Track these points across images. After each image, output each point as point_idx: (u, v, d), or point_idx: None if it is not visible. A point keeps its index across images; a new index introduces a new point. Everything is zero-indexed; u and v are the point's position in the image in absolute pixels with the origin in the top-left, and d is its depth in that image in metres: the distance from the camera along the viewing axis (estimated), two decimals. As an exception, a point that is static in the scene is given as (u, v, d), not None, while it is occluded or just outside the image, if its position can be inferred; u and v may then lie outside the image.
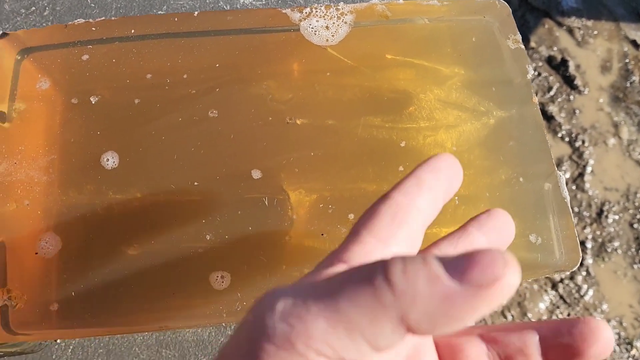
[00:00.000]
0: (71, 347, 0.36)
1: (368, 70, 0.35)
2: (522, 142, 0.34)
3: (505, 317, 1.19)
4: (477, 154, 0.34)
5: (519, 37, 0.37)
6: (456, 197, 0.33)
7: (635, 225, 1.27)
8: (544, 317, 1.19)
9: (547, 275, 0.33)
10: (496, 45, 0.36)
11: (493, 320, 1.18)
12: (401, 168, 0.33)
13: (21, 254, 0.29)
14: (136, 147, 0.31)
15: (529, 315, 1.19)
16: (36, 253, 0.29)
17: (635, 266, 1.24)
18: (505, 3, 0.37)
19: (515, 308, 1.20)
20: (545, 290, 1.21)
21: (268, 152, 0.32)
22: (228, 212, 0.30)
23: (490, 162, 0.34)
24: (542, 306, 1.20)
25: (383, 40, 0.36)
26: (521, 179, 0.33)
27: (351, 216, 0.31)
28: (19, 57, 0.34)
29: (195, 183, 0.31)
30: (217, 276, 0.29)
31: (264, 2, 0.46)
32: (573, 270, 0.32)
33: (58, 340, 0.36)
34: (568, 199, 0.33)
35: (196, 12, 0.34)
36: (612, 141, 1.33)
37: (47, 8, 0.44)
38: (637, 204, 1.28)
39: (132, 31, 0.34)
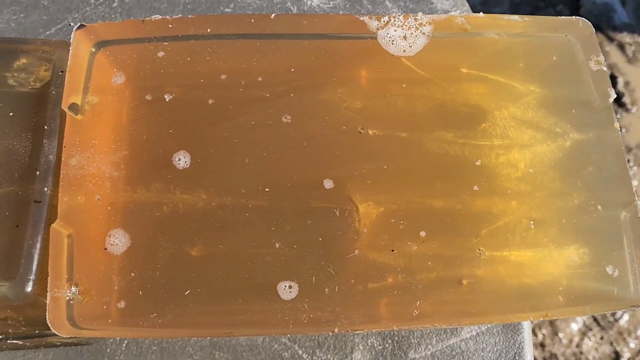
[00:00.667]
0: (125, 342, 0.36)
1: (442, 83, 0.34)
2: (600, 168, 0.33)
3: (535, 335, 1.17)
4: (551, 176, 0.33)
5: (601, 58, 0.35)
6: (531, 222, 0.32)
7: (677, 251, 1.23)
8: (576, 339, 1.17)
9: (622, 310, 0.32)
10: (576, 65, 0.35)
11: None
12: (476, 187, 0.32)
13: (90, 249, 0.29)
14: (208, 148, 0.31)
15: (560, 335, 1.17)
16: (105, 249, 0.29)
17: (674, 293, 1.20)
18: (588, 22, 0.36)
19: (546, 327, 1.17)
20: (579, 311, 1.19)
21: (340, 162, 0.31)
22: (298, 221, 0.30)
23: (565, 186, 0.33)
24: (575, 327, 1.17)
25: (459, 53, 0.35)
26: (599, 207, 0.32)
27: (422, 234, 0.30)
28: (93, 50, 0.34)
29: (266, 189, 0.30)
30: (285, 285, 0.29)
31: (331, 6, 0.45)
32: (651, 305, 0.30)
33: (105, 337, 0.36)
34: (648, 230, 0.32)
35: (273, 15, 0.34)
36: (657, 163, 1.30)
37: (116, 0, 0.44)
38: (680, 229, 1.24)
39: (208, 30, 0.33)
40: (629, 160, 1.30)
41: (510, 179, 0.33)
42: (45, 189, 0.31)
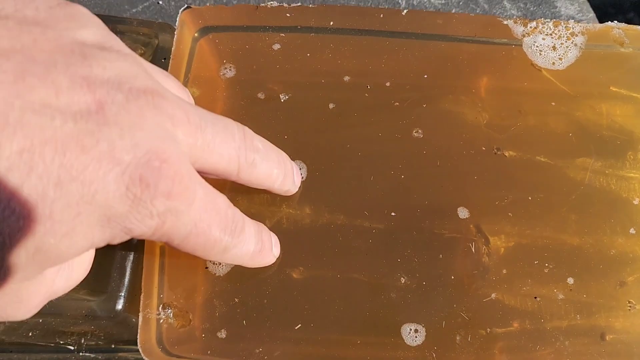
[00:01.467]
0: None
1: (587, 102, 0.30)
2: None
3: None
4: None
5: None
6: (694, 275, 0.27)
7: None
8: None
9: None
10: None
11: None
12: (632, 230, 0.27)
13: (188, 267, 0.26)
14: (328, 158, 0.27)
15: None
16: (206, 267, 0.26)
17: None
18: None
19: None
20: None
21: (478, 189, 0.27)
22: (427, 254, 0.26)
23: None
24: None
25: (608, 69, 0.31)
26: None
27: (570, 280, 0.26)
28: (197, 35, 0.30)
29: (392, 213, 0.26)
30: (411, 329, 0.25)
31: (443, 2, 0.40)
32: None
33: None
34: None
35: (404, 10, 0.29)
36: None
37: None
38: None
39: (331, 23, 0.29)
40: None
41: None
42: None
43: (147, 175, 0.17)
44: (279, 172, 0.24)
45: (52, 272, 0.19)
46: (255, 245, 0.24)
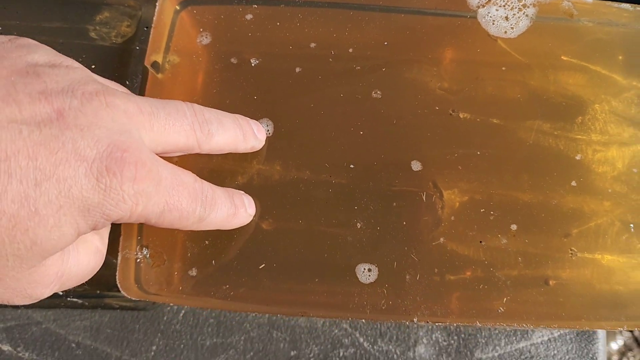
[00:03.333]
0: (182, 312, 0.35)
1: (540, 70, 0.32)
2: None
3: (572, 349, 1.13)
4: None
5: None
6: (631, 225, 0.29)
7: None
8: (615, 358, 1.13)
9: None
10: (689, 62, 0.33)
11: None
12: (574, 183, 0.29)
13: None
14: (293, 117, 0.30)
15: (599, 352, 1.13)
16: (180, 213, 0.28)
17: None
18: None
19: (584, 342, 1.14)
20: (620, 331, 1.15)
21: (431, 144, 0.29)
22: (382, 202, 0.28)
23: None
24: (614, 346, 1.13)
25: (560, 40, 0.33)
26: None
27: (514, 227, 0.28)
28: (178, 8, 0.32)
29: (351, 165, 0.29)
30: (365, 268, 0.27)
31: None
32: None
33: (171, 303, 0.35)
34: None
35: (368, -16, 0.32)
36: None
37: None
38: None
39: (300, -5, 0.32)
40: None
41: (606, 178, 0.31)
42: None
43: (112, 165, 0.20)
44: (237, 133, 0.27)
45: (56, 255, 0.22)
46: (228, 210, 0.26)
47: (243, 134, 0.27)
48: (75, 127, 0.20)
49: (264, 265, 0.27)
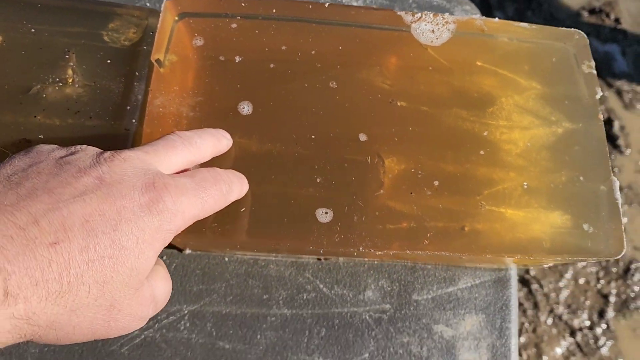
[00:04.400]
0: (174, 264, 0.43)
1: (460, 72, 0.42)
2: (585, 150, 0.40)
3: (521, 355, 1.22)
4: (544, 155, 0.40)
5: (592, 63, 0.43)
6: (524, 186, 0.39)
7: (660, 288, 1.29)
8: (559, 362, 1.22)
9: (594, 260, 0.38)
10: (571, 68, 0.43)
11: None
12: (482, 152, 0.39)
13: (167, 170, 0.36)
14: (268, 101, 0.38)
15: (545, 357, 1.22)
16: (179, 171, 0.36)
17: (655, 328, 1.26)
18: (583, 34, 0.44)
19: (531, 348, 1.23)
20: (564, 337, 1.24)
21: (374, 122, 0.38)
22: (336, 163, 0.37)
23: (555, 164, 0.40)
24: (559, 351, 1.23)
25: (476, 50, 0.43)
26: (582, 179, 0.39)
27: (436, 183, 0.37)
28: (177, 18, 0.41)
29: (313, 136, 0.37)
30: (323, 211, 0.36)
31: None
32: (617, 257, 0.37)
33: (164, 257, 0.43)
34: (620, 200, 0.39)
35: (327, 4, 0.41)
36: (647, 204, 1.37)
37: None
38: (664, 267, 1.31)
39: (274, 11, 0.41)
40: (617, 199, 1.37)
41: (511, 153, 0.40)
42: (133, 120, 0.38)
43: (153, 196, 0.28)
44: (213, 139, 0.35)
45: (145, 281, 0.28)
46: (234, 175, 0.34)
47: (217, 139, 0.35)
48: (114, 182, 0.27)
49: (244, 209, 0.35)
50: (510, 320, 0.43)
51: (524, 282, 1.27)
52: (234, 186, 0.33)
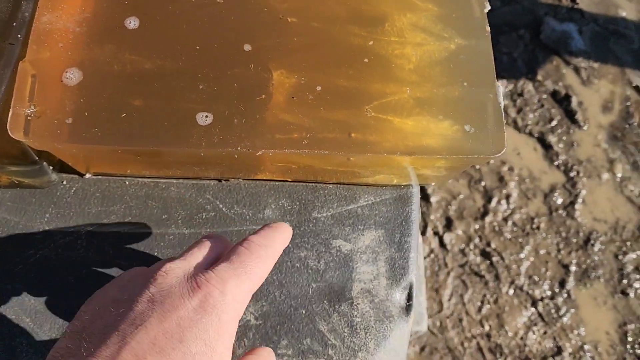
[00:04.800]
0: (74, 189, 0.43)
1: (353, -7, 0.42)
2: (472, 60, 0.41)
3: (483, 326, 1.23)
4: (437, 70, 0.41)
5: (481, -18, 0.44)
6: (409, 91, 0.39)
7: (620, 257, 1.30)
8: (521, 332, 1.22)
9: (475, 161, 0.39)
10: (463, -14, 0.44)
11: (472, 329, 1.22)
12: (366, 60, 0.39)
13: (49, 83, 0.36)
14: (155, 16, 0.39)
15: (506, 327, 1.23)
16: (61, 81, 0.36)
17: (616, 296, 1.27)
18: (475, -44, 0.45)
19: (493, 319, 1.23)
20: (525, 307, 1.25)
21: (261, 35, 0.39)
22: (220, 72, 0.37)
23: (447, 78, 0.41)
24: (520, 321, 1.23)
25: (369, -28, 0.43)
26: (465, 84, 0.40)
27: (319, 88, 0.38)
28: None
29: (197, 47, 0.38)
30: (203, 115, 0.36)
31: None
32: (497, 156, 0.38)
33: (64, 182, 0.43)
34: (502, 104, 0.39)
35: None
36: (605, 176, 1.39)
37: None
38: (624, 237, 1.32)
39: None
40: (578, 172, 1.39)
41: (403, 69, 0.41)
42: (19, 36, 0.38)
43: (203, 296, 0.29)
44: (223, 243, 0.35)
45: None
46: (278, 234, 0.35)
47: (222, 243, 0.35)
48: (165, 299, 0.29)
49: (125, 114, 0.36)
50: (409, 235, 0.43)
51: (485, 254, 1.28)
52: (274, 242, 0.34)
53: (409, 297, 0.42)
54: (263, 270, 0.32)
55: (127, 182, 0.43)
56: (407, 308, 0.42)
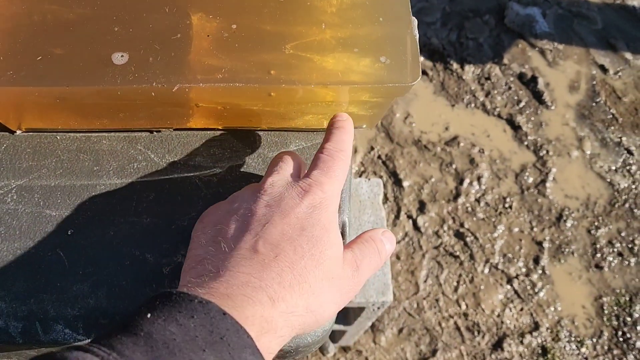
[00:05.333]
0: (4, 145, 0.43)
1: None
2: (389, 2, 0.42)
3: (459, 306, 1.23)
4: (355, 12, 0.42)
5: None
6: (333, 40, 0.40)
7: (593, 232, 1.31)
8: (498, 310, 1.23)
9: (394, 90, 0.39)
10: None
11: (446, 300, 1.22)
12: (287, 5, 0.40)
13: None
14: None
15: (482, 305, 1.23)
16: (-22, 29, 0.37)
17: (590, 270, 1.28)
18: None
19: (470, 298, 1.24)
20: (501, 285, 1.26)
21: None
22: (135, 14, 0.38)
23: (366, 19, 0.41)
24: (497, 299, 1.24)
25: None
26: (381, 19, 0.40)
27: (234, 26, 0.38)
28: None
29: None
30: (119, 55, 0.37)
31: None
32: (413, 84, 0.39)
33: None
34: (417, 36, 0.40)
35: None
36: (575, 154, 1.40)
37: None
38: (595, 212, 1.34)
39: None
40: (547, 151, 1.40)
41: (325, 12, 0.42)
42: (-63, -10, 0.38)
43: (309, 194, 0.36)
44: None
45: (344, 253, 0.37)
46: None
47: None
48: (280, 202, 0.35)
49: (40, 57, 0.36)
50: (341, 176, 0.44)
51: (459, 235, 1.29)
52: (346, 145, 0.40)
53: (342, 236, 0.43)
54: (345, 170, 0.38)
55: (58, 137, 0.44)
56: (340, 246, 0.42)
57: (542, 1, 1.61)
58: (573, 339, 1.21)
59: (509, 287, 1.25)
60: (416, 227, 1.29)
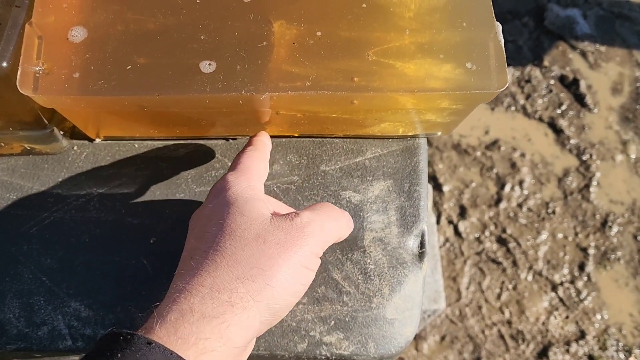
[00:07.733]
0: (85, 153, 0.43)
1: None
2: (471, 2, 0.41)
3: (503, 313, 1.21)
4: (437, 17, 0.41)
5: None
6: (413, 45, 0.39)
7: (639, 238, 1.28)
8: (542, 317, 1.21)
9: (479, 97, 0.39)
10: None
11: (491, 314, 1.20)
12: (364, 5, 0.40)
13: (55, 41, 0.37)
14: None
15: (527, 313, 1.21)
16: (67, 39, 0.37)
17: (637, 277, 1.25)
18: None
19: (513, 305, 1.22)
20: (545, 292, 1.23)
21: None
22: (220, 22, 0.38)
23: (446, 22, 0.41)
24: (541, 306, 1.21)
25: None
26: (464, 24, 0.40)
27: (319, 33, 0.38)
28: None
29: (197, 0, 0.39)
30: (206, 63, 0.37)
31: None
32: (500, 91, 0.38)
33: (75, 148, 0.44)
34: (502, 42, 0.39)
35: None
36: (619, 157, 1.37)
37: None
38: (642, 218, 1.30)
39: None
40: (591, 155, 1.37)
41: (403, 18, 0.41)
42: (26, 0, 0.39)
43: None
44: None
45: None
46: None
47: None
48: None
49: (130, 67, 0.36)
50: (419, 184, 0.43)
51: (501, 241, 1.27)
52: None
53: (422, 245, 0.42)
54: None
55: (136, 145, 0.44)
56: (420, 255, 0.42)
57: (583, 2, 1.58)
58: (621, 347, 1.18)
59: (553, 294, 1.23)
60: (457, 232, 1.27)
